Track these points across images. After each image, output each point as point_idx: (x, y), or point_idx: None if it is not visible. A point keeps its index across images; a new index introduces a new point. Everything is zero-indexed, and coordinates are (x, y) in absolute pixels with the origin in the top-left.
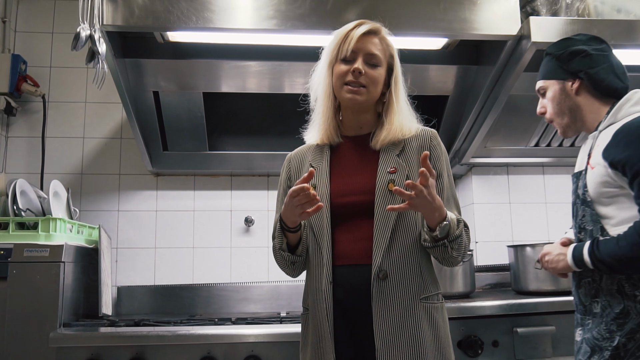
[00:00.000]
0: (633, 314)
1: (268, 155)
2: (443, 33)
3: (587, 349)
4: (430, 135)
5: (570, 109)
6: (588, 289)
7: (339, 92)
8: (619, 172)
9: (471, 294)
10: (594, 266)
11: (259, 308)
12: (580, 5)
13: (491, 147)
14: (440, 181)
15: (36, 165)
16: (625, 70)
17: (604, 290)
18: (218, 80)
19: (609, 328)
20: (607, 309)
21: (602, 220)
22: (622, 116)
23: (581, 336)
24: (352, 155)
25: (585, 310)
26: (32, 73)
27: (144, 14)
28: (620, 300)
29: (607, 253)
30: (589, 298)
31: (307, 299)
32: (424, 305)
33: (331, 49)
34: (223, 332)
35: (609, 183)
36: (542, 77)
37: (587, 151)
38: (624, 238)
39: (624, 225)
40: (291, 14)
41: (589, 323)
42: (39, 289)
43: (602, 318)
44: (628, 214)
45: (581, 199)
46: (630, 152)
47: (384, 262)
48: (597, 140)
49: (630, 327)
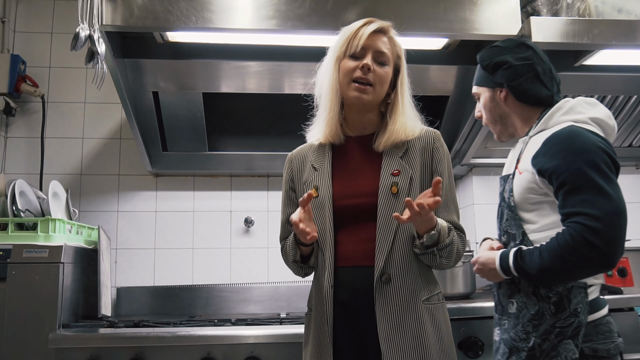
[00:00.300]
0: (547, 315)
1: (268, 155)
2: (443, 33)
3: (505, 350)
4: (433, 136)
5: (501, 116)
6: (506, 289)
7: (345, 89)
8: (545, 180)
9: (472, 295)
10: (519, 275)
11: (259, 309)
12: (581, 5)
13: (492, 148)
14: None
15: (35, 165)
16: (553, 75)
17: (521, 291)
18: (218, 81)
19: (525, 329)
20: (523, 310)
21: (525, 225)
22: (552, 124)
23: (499, 336)
24: (355, 157)
25: (502, 310)
26: (31, 73)
27: (144, 14)
28: (536, 302)
29: (531, 265)
30: (506, 298)
31: (311, 300)
32: (426, 307)
33: (339, 44)
34: (223, 333)
35: (534, 190)
36: (475, 83)
37: (516, 156)
38: (546, 250)
39: (545, 231)
40: (291, 14)
41: (505, 323)
42: (38, 290)
43: (519, 319)
44: (548, 220)
45: (506, 203)
46: (558, 162)
47: (387, 265)
48: (527, 146)
49: (545, 328)
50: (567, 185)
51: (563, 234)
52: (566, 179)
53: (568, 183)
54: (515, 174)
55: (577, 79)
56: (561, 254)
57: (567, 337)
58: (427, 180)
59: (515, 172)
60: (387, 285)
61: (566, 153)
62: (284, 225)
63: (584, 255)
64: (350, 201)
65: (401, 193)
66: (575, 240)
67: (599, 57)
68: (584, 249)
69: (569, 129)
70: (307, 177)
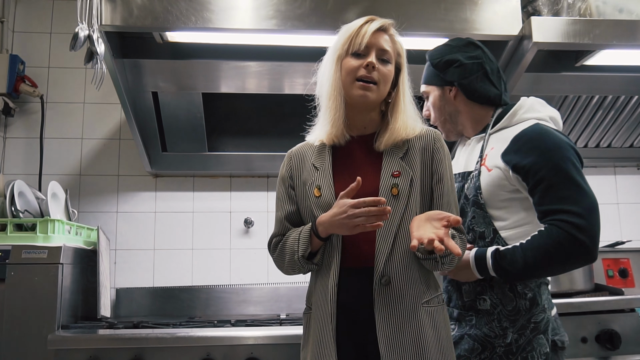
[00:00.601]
0: (523, 311)
1: (268, 156)
2: (444, 33)
3: (476, 346)
4: (434, 137)
5: (451, 114)
6: (473, 286)
7: (349, 89)
8: (519, 177)
9: None
10: (497, 275)
11: (259, 310)
12: (582, 5)
13: None
14: (440, 185)
15: (34, 166)
16: (501, 75)
17: (495, 288)
18: (217, 81)
19: (501, 325)
20: (498, 307)
21: (495, 222)
22: (516, 121)
23: (460, 331)
24: (356, 157)
25: (466, 306)
26: (30, 73)
27: (143, 14)
28: (512, 298)
29: (513, 264)
30: (473, 295)
31: (310, 297)
32: (426, 309)
33: (341, 43)
34: (222, 334)
35: (505, 187)
36: (424, 82)
37: (475, 153)
38: (530, 248)
39: (516, 228)
40: (291, 14)
41: (472, 319)
42: (37, 291)
43: (493, 315)
44: (517, 217)
45: (472, 200)
46: (534, 158)
47: (387, 268)
48: (489, 143)
49: (521, 324)
50: (545, 181)
51: (548, 231)
52: (544, 175)
53: (546, 180)
54: (481, 171)
55: (578, 79)
56: (547, 251)
57: (540, 332)
58: (427, 181)
59: (480, 169)
60: (387, 287)
61: (542, 150)
62: (281, 222)
63: (571, 251)
64: None
65: (401, 194)
66: (562, 237)
67: (600, 57)
68: (570, 245)
69: (538, 127)
70: (308, 176)
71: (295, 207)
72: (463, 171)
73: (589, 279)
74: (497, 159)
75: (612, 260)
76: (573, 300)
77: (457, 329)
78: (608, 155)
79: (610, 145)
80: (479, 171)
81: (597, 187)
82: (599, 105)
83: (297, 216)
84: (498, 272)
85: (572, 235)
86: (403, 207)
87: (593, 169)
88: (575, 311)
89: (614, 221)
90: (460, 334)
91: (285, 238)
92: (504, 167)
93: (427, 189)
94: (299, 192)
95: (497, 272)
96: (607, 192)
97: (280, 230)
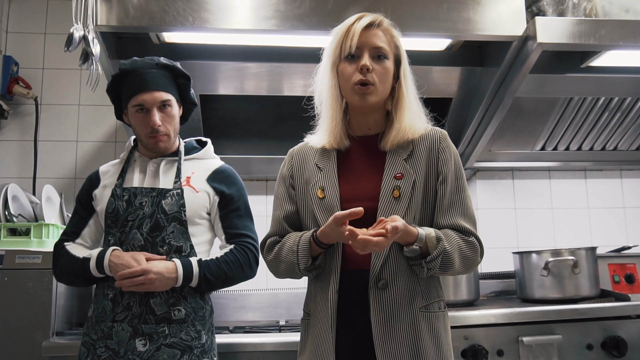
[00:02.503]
0: (207, 315)
1: (267, 159)
2: (446, 33)
3: (175, 352)
4: (439, 136)
5: (176, 131)
6: (166, 299)
7: (348, 95)
8: (219, 203)
9: (475, 302)
10: (198, 282)
11: (257, 316)
12: (588, 5)
13: (496, 151)
14: (443, 186)
15: (28, 169)
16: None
17: (188, 298)
18: (215, 82)
19: (196, 329)
20: (191, 314)
21: (192, 238)
22: (209, 156)
23: (154, 345)
24: (360, 158)
25: (158, 319)
26: (24, 75)
27: (139, 14)
28: (203, 305)
29: (217, 274)
30: (165, 307)
31: (309, 304)
32: (424, 315)
33: (333, 48)
34: (220, 341)
35: (206, 208)
36: (169, 92)
37: (170, 172)
38: (225, 262)
39: (203, 245)
40: (290, 14)
41: (164, 330)
42: (31, 297)
43: (187, 322)
44: (206, 237)
45: (172, 216)
46: (234, 191)
47: (383, 271)
48: (184, 167)
49: (208, 327)
50: (240, 210)
51: (240, 250)
52: (240, 206)
53: (241, 209)
54: (184, 191)
55: (584, 81)
56: (239, 266)
57: (215, 332)
58: (432, 182)
59: (183, 188)
60: (384, 291)
61: (239, 186)
62: (278, 222)
63: (252, 269)
64: (357, 204)
65: (403, 197)
66: (248, 256)
67: (606, 58)
68: (253, 263)
69: (229, 167)
70: (311, 177)
71: (295, 207)
72: (156, 187)
73: (594, 285)
74: (202, 183)
75: (619, 266)
76: (578, 306)
77: (149, 344)
78: (614, 159)
79: (616, 148)
80: (181, 190)
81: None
82: (605, 108)
83: (295, 217)
84: (202, 279)
85: (254, 256)
86: (404, 209)
87: (599, 172)
88: (580, 317)
89: (621, 226)
90: (156, 347)
91: (281, 245)
92: (212, 192)
93: (431, 190)
94: (299, 192)
95: (202, 279)
96: (614, 196)
97: (277, 230)
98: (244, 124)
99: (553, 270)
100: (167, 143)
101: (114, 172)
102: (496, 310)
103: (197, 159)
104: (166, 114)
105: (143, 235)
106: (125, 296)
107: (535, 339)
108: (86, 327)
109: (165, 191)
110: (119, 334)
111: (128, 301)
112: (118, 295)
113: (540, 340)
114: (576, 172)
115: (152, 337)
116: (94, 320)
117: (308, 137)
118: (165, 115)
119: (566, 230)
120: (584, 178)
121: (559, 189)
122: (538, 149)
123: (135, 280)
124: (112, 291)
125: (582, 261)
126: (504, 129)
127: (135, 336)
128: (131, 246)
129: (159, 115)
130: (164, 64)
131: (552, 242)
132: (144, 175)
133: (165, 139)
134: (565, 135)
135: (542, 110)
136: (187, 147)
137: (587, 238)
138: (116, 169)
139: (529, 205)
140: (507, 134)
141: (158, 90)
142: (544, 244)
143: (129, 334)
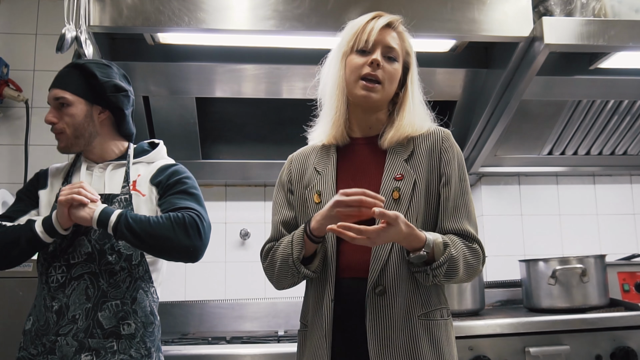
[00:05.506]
0: (155, 328)
1: (265, 164)
2: (451, 34)
3: None
4: (442, 136)
5: (91, 133)
6: (115, 312)
7: (352, 88)
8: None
9: (480, 312)
10: (120, 231)
11: (255, 326)
12: (596, 5)
13: (502, 156)
14: (447, 188)
15: (19, 174)
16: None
17: (138, 312)
18: (212, 85)
19: (145, 345)
20: (140, 329)
21: None
22: (160, 158)
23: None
24: (359, 159)
25: (106, 333)
26: (14, 77)
27: (133, 14)
28: (152, 320)
29: (136, 221)
30: (115, 321)
31: (306, 315)
32: (423, 323)
33: (347, 39)
34: (217, 352)
35: (155, 211)
36: (70, 90)
37: (117, 178)
38: (154, 218)
39: None
40: (289, 15)
41: (113, 346)
42: (22, 306)
43: (136, 337)
44: None
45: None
46: (173, 180)
47: (382, 277)
48: (132, 170)
49: (157, 344)
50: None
51: (175, 215)
52: (182, 189)
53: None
54: (132, 195)
55: (592, 83)
56: (170, 226)
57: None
58: (434, 184)
59: (131, 193)
60: (382, 298)
61: (184, 178)
62: (277, 228)
63: (188, 234)
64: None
65: (403, 199)
66: (184, 219)
67: (615, 59)
68: (190, 229)
69: (180, 165)
70: (309, 181)
71: (294, 213)
72: (106, 193)
73: (603, 294)
74: (147, 185)
75: (628, 274)
76: (587, 315)
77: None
78: (623, 164)
79: (626, 152)
80: (129, 195)
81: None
82: (614, 111)
83: (294, 222)
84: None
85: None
86: (404, 211)
87: (608, 177)
88: (589, 327)
89: (630, 233)
90: None
91: (277, 246)
92: (155, 192)
93: (434, 192)
94: (298, 197)
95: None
96: (623, 202)
97: (275, 236)
98: (242, 128)
99: (561, 279)
100: (65, 142)
101: (61, 176)
102: (502, 320)
103: (146, 162)
104: (63, 112)
105: (91, 242)
106: (71, 308)
107: (543, 350)
108: (23, 341)
109: (113, 196)
110: (63, 348)
111: (74, 314)
112: (64, 307)
113: (548, 351)
114: (584, 178)
115: (100, 352)
116: (33, 334)
117: (310, 136)
118: (62, 114)
119: (574, 238)
120: (592, 183)
121: (567, 195)
122: (545, 153)
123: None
124: (57, 303)
125: (590, 269)
126: (510, 132)
127: (81, 351)
128: (77, 253)
129: (54, 112)
130: (76, 62)
131: (559, 250)
132: (89, 180)
133: (62, 137)
134: (573, 139)
135: (550, 113)
136: (136, 150)
137: (595, 245)
138: (64, 173)
139: (535, 211)
140: (513, 138)
141: (56, 87)
142: (551, 252)
143: (74, 349)
